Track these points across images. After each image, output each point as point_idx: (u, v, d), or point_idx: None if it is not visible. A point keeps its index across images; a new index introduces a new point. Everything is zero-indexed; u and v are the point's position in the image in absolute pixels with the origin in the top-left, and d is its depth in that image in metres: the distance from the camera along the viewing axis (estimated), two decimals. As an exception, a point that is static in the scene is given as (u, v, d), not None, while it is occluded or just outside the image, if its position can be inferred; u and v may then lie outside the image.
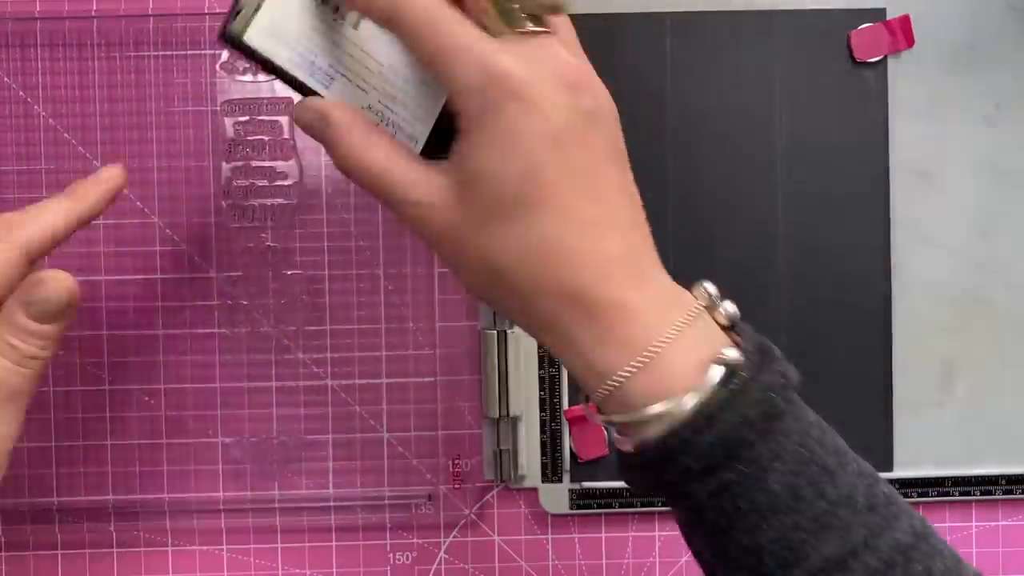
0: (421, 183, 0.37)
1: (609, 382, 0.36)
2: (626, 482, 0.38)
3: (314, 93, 0.40)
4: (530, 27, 0.37)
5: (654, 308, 0.36)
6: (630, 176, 0.39)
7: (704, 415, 0.35)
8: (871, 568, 0.35)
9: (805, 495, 0.35)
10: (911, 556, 0.35)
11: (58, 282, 0.40)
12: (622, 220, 0.37)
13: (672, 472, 0.35)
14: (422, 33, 0.37)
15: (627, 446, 0.37)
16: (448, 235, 0.37)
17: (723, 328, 0.38)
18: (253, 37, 0.40)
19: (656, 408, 0.35)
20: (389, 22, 0.37)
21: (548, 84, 0.36)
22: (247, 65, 0.52)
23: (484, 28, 0.37)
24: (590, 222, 0.36)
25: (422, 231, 0.38)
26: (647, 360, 0.36)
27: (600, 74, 0.36)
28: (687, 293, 0.38)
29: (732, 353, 0.35)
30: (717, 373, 0.35)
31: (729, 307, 0.38)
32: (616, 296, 0.36)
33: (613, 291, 0.36)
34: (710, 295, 0.38)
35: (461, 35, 0.36)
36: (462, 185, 0.37)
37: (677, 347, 0.36)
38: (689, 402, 0.35)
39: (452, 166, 0.37)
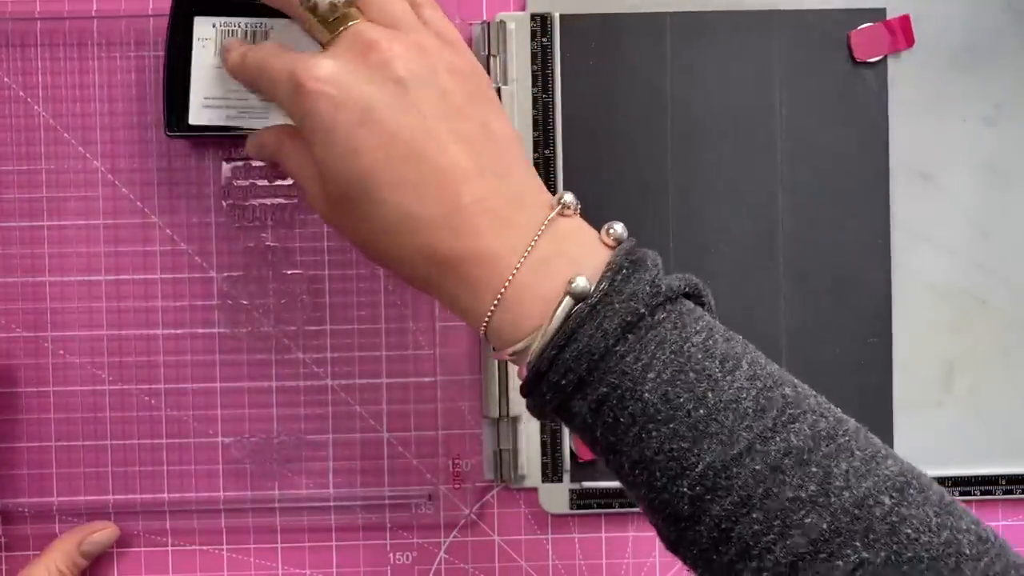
0: (312, 181, 0.42)
1: (483, 324, 0.39)
2: (529, 411, 0.40)
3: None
4: (332, 33, 0.40)
5: (508, 250, 0.38)
6: (484, 121, 0.40)
7: (565, 331, 0.37)
8: (757, 473, 0.35)
9: (682, 403, 0.36)
10: (806, 459, 0.35)
11: (110, 532, 0.53)
12: (466, 170, 0.39)
13: (549, 390, 0.38)
14: (259, 77, 0.43)
15: (522, 375, 0.39)
16: (326, 218, 0.42)
17: (609, 247, 0.39)
18: (194, 119, 0.49)
19: (528, 339, 0.38)
20: (247, 82, 0.44)
21: (346, 70, 0.39)
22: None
23: (321, 42, 0.41)
24: (426, 183, 0.39)
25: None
26: (501, 297, 0.38)
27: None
28: (559, 222, 0.39)
29: (582, 282, 0.37)
30: (573, 295, 0.37)
31: (617, 227, 0.39)
32: (469, 247, 0.39)
33: (465, 243, 0.39)
34: (563, 204, 0.39)
35: (277, 62, 0.41)
36: (321, 181, 0.41)
37: (533, 279, 0.38)
38: (552, 325, 0.37)
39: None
